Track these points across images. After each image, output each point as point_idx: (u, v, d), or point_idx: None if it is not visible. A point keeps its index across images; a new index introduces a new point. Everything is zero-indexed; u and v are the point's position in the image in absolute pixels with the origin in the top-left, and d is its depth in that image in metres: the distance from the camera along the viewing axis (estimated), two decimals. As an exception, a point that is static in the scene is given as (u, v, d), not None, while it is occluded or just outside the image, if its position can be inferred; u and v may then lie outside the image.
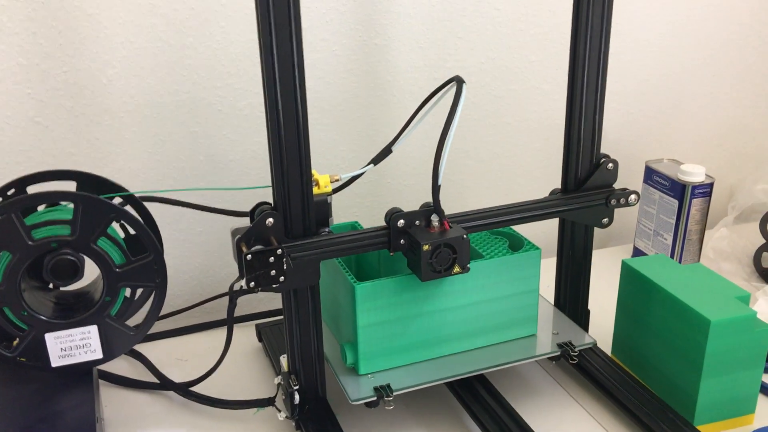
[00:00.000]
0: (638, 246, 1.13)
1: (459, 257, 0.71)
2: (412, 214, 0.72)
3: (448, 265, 0.71)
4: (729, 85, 1.25)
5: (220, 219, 0.98)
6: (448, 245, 0.70)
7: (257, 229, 0.67)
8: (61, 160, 0.90)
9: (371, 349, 0.75)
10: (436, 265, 0.71)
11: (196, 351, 0.92)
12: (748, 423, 0.78)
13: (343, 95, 1.01)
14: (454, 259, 0.71)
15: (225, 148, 0.98)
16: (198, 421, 0.80)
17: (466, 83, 0.71)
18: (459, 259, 0.71)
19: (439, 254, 0.70)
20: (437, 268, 0.71)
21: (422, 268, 0.70)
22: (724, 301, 0.75)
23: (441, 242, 0.70)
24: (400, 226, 0.72)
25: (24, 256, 0.66)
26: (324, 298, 0.80)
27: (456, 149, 1.10)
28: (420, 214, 0.72)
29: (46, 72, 0.86)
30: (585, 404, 0.82)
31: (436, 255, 0.70)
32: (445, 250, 0.70)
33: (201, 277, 1.03)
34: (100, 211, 0.68)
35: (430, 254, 0.70)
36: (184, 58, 0.92)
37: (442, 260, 0.71)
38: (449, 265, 0.71)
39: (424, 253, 0.70)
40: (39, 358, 0.70)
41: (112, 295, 0.71)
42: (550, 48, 1.10)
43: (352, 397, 0.72)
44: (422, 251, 0.69)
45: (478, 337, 0.79)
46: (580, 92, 0.78)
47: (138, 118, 0.92)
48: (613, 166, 0.81)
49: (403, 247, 0.73)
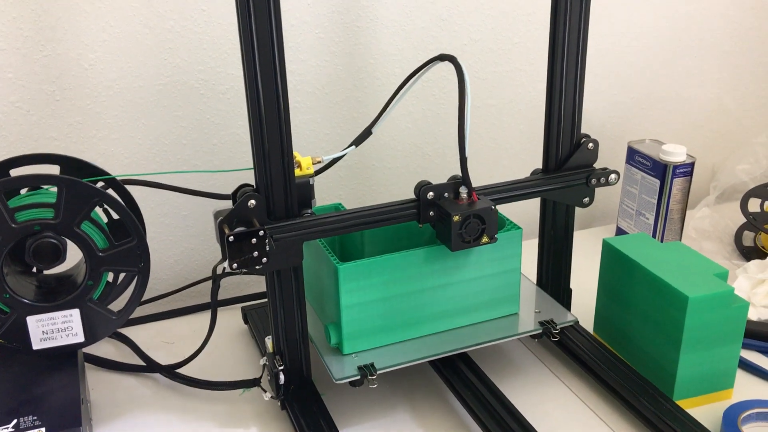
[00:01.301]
0: (621, 226, 1.14)
1: (487, 227, 0.73)
2: (441, 187, 0.74)
3: (477, 235, 0.73)
4: (710, 66, 1.26)
5: (203, 203, 0.97)
6: (477, 216, 0.72)
7: (239, 210, 0.68)
8: (42, 144, 0.90)
9: (355, 329, 0.76)
10: (465, 236, 0.73)
11: (181, 334, 0.93)
12: (726, 398, 0.79)
13: (327, 78, 1.01)
14: (482, 229, 0.73)
15: (208, 131, 0.98)
16: (184, 403, 0.80)
17: (456, 57, 0.71)
18: (487, 229, 0.73)
19: (469, 225, 0.72)
20: (466, 238, 0.73)
21: (452, 239, 0.72)
22: (702, 277, 0.76)
23: (470, 213, 0.72)
24: (429, 198, 0.74)
25: (6, 238, 0.66)
26: (308, 279, 0.81)
27: (440, 131, 1.11)
28: (449, 187, 0.74)
29: (27, 56, 0.86)
30: (567, 381, 0.83)
31: (466, 226, 0.72)
32: (474, 221, 0.73)
33: (185, 261, 1.03)
34: (83, 195, 0.68)
35: (460, 225, 0.72)
36: (166, 41, 0.91)
37: (471, 230, 0.73)
38: (478, 235, 0.73)
39: (455, 223, 0.72)
40: (20, 341, 0.70)
41: (94, 279, 0.71)
42: (533, 30, 1.10)
43: (336, 377, 0.73)
44: (452, 222, 0.71)
45: (460, 316, 0.80)
46: (560, 72, 0.78)
47: (120, 102, 0.92)
48: (593, 145, 0.81)
49: (432, 219, 0.75)
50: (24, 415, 0.64)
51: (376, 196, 1.11)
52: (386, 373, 0.75)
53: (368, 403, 0.80)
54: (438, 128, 1.10)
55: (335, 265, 0.74)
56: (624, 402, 0.77)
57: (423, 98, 1.08)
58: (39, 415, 0.64)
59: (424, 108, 1.09)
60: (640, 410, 0.75)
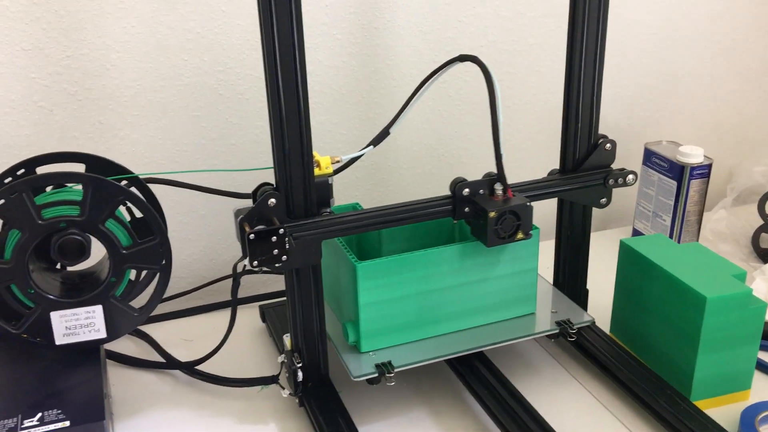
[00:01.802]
0: (637, 228, 1.14)
1: (523, 224, 0.74)
2: (477, 183, 0.75)
3: (512, 231, 0.74)
4: (728, 67, 1.25)
5: (222, 202, 0.99)
6: (512, 212, 0.73)
7: (259, 209, 0.68)
8: (65, 143, 0.91)
9: (372, 327, 0.77)
10: (501, 231, 0.74)
11: (200, 332, 0.94)
12: (743, 399, 0.79)
13: (344, 79, 1.02)
14: (518, 225, 0.74)
15: (226, 131, 0.99)
16: (203, 399, 0.81)
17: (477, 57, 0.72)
18: (522, 225, 0.74)
19: (504, 221, 0.73)
20: (502, 234, 0.74)
21: (488, 235, 0.73)
22: (720, 278, 0.76)
23: (506, 209, 0.73)
24: (464, 195, 0.75)
25: (33, 234, 0.67)
26: (326, 278, 0.81)
27: (456, 133, 1.11)
28: (484, 183, 0.75)
29: (50, 57, 0.87)
30: (583, 381, 0.83)
31: (502, 222, 0.73)
32: (510, 217, 0.73)
33: (203, 260, 1.04)
34: (109, 193, 0.69)
35: (496, 221, 0.73)
36: (186, 42, 0.92)
37: (506, 227, 0.74)
38: (513, 231, 0.74)
39: (491, 219, 0.72)
40: (44, 336, 0.71)
41: (117, 276, 0.72)
42: (549, 31, 1.10)
43: (354, 374, 0.73)
44: (488, 218, 0.72)
45: (477, 316, 0.81)
46: (578, 72, 0.78)
47: (141, 102, 0.93)
48: (610, 146, 0.82)
49: (467, 215, 0.75)
50: (48, 409, 0.65)
51: (392, 197, 1.11)
52: (403, 372, 0.76)
53: (385, 402, 0.80)
54: (453, 130, 1.11)
55: (353, 263, 0.74)
56: (641, 402, 0.77)
57: (439, 99, 1.09)
58: (63, 409, 0.65)
59: (440, 109, 1.09)
60: (658, 410, 0.75)
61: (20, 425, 0.63)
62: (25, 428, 0.63)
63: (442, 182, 1.13)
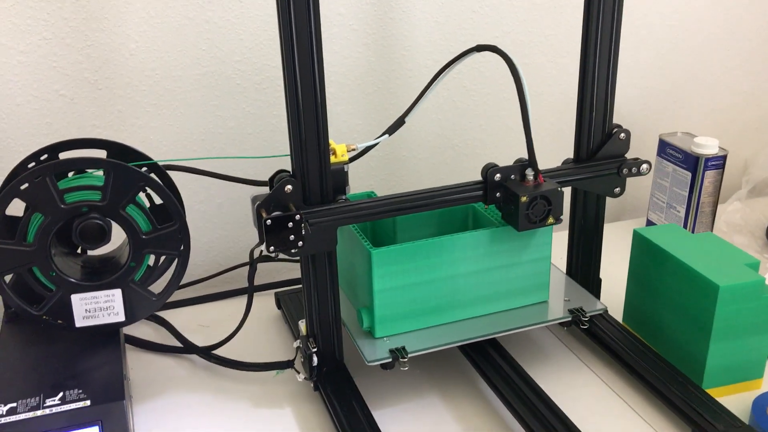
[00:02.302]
0: (651, 219, 1.15)
1: (553, 209, 0.75)
2: (508, 169, 0.77)
3: (543, 216, 0.75)
4: (743, 58, 1.25)
5: (239, 190, 1.00)
6: (543, 197, 0.75)
7: (276, 195, 0.69)
8: (85, 131, 0.93)
9: (387, 313, 0.77)
10: (532, 216, 0.75)
11: (217, 318, 0.95)
12: (755, 388, 0.80)
13: (359, 69, 1.03)
14: (548, 210, 0.75)
15: (244, 121, 1.00)
16: (220, 383, 0.83)
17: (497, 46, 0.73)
18: (553, 210, 0.75)
19: (535, 206, 0.74)
20: (533, 219, 0.75)
21: (519, 219, 0.74)
22: (733, 267, 0.77)
23: (537, 194, 0.74)
24: (496, 180, 0.76)
25: (56, 218, 0.69)
26: (340, 264, 0.82)
27: (470, 123, 1.12)
28: (515, 169, 0.77)
29: (71, 46, 0.89)
30: (596, 369, 0.83)
31: (533, 206, 0.74)
32: (541, 202, 0.75)
33: (219, 247, 1.05)
34: (130, 179, 0.70)
35: (527, 205, 0.74)
36: (204, 32, 0.94)
37: (537, 211, 0.75)
38: (544, 216, 0.75)
39: (522, 204, 0.74)
40: (64, 318, 0.73)
41: (137, 261, 0.73)
42: (564, 22, 1.10)
43: (368, 359, 0.74)
44: (520, 203, 0.74)
45: (491, 303, 0.81)
46: (593, 61, 0.79)
47: (159, 91, 0.94)
48: (625, 136, 0.82)
49: (498, 200, 0.77)
50: (70, 389, 0.67)
51: (406, 187, 1.12)
52: (417, 358, 0.76)
53: (398, 387, 0.81)
54: (468, 120, 1.11)
55: (369, 250, 0.75)
56: (653, 390, 0.77)
57: (453, 90, 1.09)
58: (84, 389, 0.67)
59: (455, 99, 1.10)
60: (670, 398, 0.75)
61: (42, 404, 0.65)
62: (47, 407, 0.64)
63: (456, 172, 1.14)
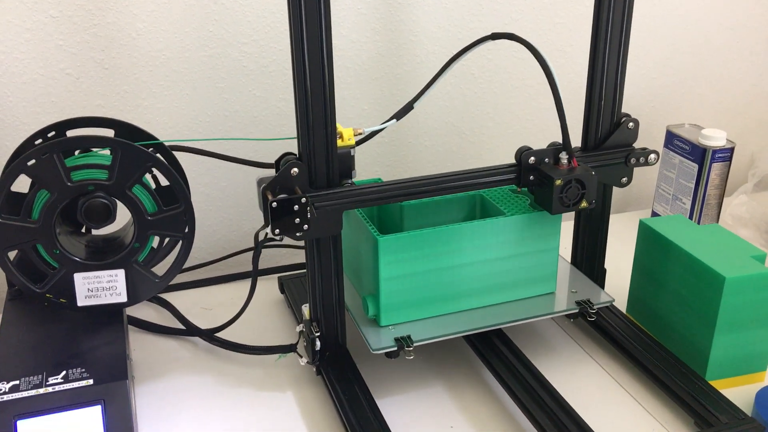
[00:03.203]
0: (657, 210, 1.14)
1: (587, 192, 0.75)
2: (542, 152, 0.77)
3: (577, 200, 0.75)
4: (752, 51, 1.24)
5: (244, 173, 1.00)
6: (578, 180, 0.75)
7: (282, 178, 0.69)
8: (90, 111, 0.92)
9: (392, 302, 0.77)
10: (565, 199, 0.75)
11: (220, 301, 0.95)
12: (759, 380, 0.79)
13: (367, 54, 1.02)
14: (582, 194, 0.75)
15: (250, 104, 0.99)
16: (222, 366, 0.83)
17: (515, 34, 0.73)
18: (587, 194, 0.75)
19: (569, 189, 0.75)
20: (566, 202, 0.75)
21: (553, 202, 0.74)
22: (739, 259, 0.76)
23: (572, 178, 0.74)
24: (530, 163, 0.76)
25: (62, 195, 0.69)
26: (346, 251, 0.81)
27: (477, 111, 1.11)
28: (549, 152, 0.77)
29: (77, 24, 0.88)
30: (600, 360, 0.83)
31: (567, 190, 0.74)
32: (575, 185, 0.75)
33: (223, 231, 1.05)
34: (138, 159, 0.70)
35: (561, 189, 0.74)
36: (212, 13, 0.93)
37: (571, 195, 0.75)
38: (578, 200, 0.75)
39: (556, 187, 0.74)
40: (66, 297, 0.73)
41: (141, 242, 0.73)
42: (575, 10, 1.09)
43: (373, 347, 0.74)
44: (554, 186, 0.74)
45: (497, 293, 0.81)
46: (603, 50, 0.78)
47: (165, 72, 0.94)
48: (633, 125, 0.81)
49: (531, 183, 0.77)
50: (72, 368, 0.67)
51: (412, 172, 1.11)
52: (421, 347, 0.76)
53: (403, 376, 0.81)
54: (476, 108, 1.11)
55: (375, 237, 0.74)
56: (657, 381, 0.77)
57: (461, 77, 1.08)
58: (87, 368, 0.67)
59: (462, 87, 1.09)
60: (674, 389, 0.75)
61: (45, 382, 0.65)
62: (49, 385, 0.64)
63: (462, 160, 1.14)
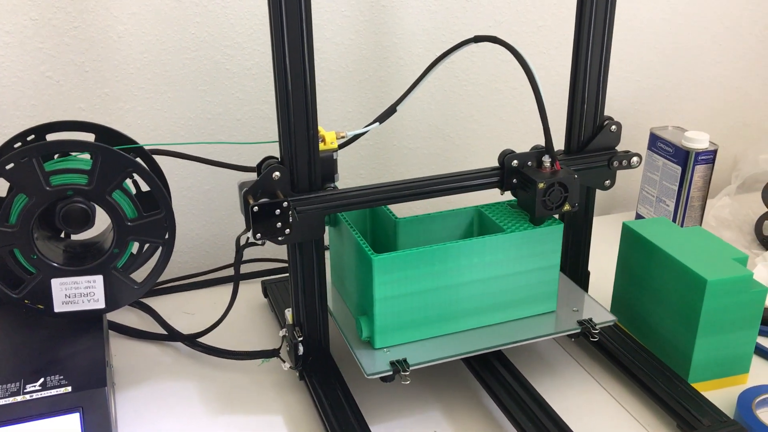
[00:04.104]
0: (641, 212, 1.14)
1: (570, 196, 0.75)
2: (525, 155, 0.76)
3: (560, 203, 0.75)
4: (735, 54, 1.25)
5: (226, 176, 0.99)
6: (561, 184, 0.74)
7: (264, 182, 0.69)
8: (71, 114, 0.91)
9: (387, 323, 0.73)
10: (548, 203, 0.74)
11: (202, 305, 0.94)
12: (741, 382, 0.80)
13: (351, 57, 1.02)
14: (565, 197, 0.74)
15: (233, 106, 0.99)
16: (204, 371, 0.82)
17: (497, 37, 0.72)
18: (570, 197, 0.75)
19: (552, 192, 0.74)
20: (549, 205, 0.74)
21: (536, 205, 0.74)
22: (721, 262, 0.76)
23: (554, 181, 0.74)
24: (513, 166, 0.76)
25: (40, 200, 0.68)
26: (338, 269, 0.80)
27: (462, 113, 1.11)
28: (532, 155, 0.76)
29: (57, 27, 0.87)
30: (582, 361, 0.83)
31: (550, 193, 0.74)
32: (558, 189, 0.74)
33: (206, 235, 1.05)
34: (118, 164, 0.69)
35: (544, 192, 0.73)
36: (193, 15, 0.92)
37: (554, 198, 0.74)
38: (560, 203, 0.75)
39: (539, 190, 0.73)
40: (43, 303, 0.72)
41: (120, 248, 0.72)
42: (558, 13, 1.10)
43: (367, 371, 0.70)
44: (537, 189, 0.73)
45: (496, 313, 0.78)
46: (585, 52, 0.78)
47: (147, 75, 0.93)
48: (616, 128, 0.81)
49: (514, 186, 0.76)
50: (51, 374, 0.66)
51: (396, 176, 1.11)
52: (417, 369, 0.72)
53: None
54: (460, 110, 1.11)
55: (370, 256, 0.71)
56: (639, 383, 0.77)
57: (446, 80, 1.08)
58: (65, 375, 0.66)
59: (446, 89, 1.09)
60: (656, 392, 0.75)
61: (23, 389, 0.64)
62: (27, 392, 0.63)
63: (447, 162, 1.13)
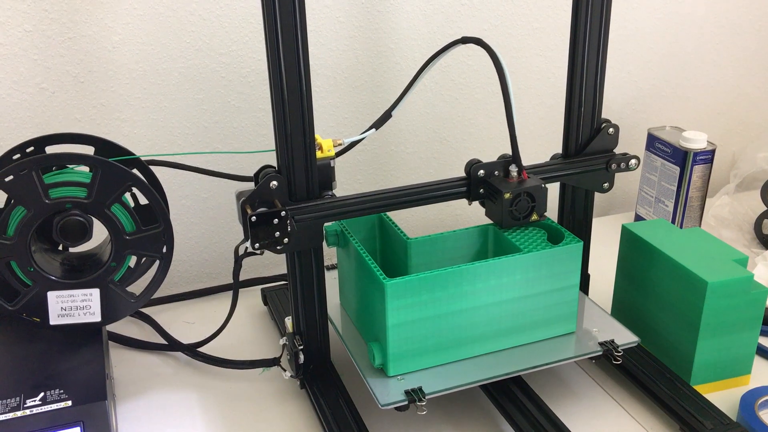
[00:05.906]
0: (640, 213, 1.14)
1: (537, 205, 0.74)
2: (492, 165, 0.75)
3: (527, 213, 0.74)
4: (732, 53, 1.25)
5: (224, 186, 0.99)
6: (528, 194, 0.74)
7: (261, 191, 0.68)
8: (66, 125, 0.91)
9: (401, 350, 0.70)
10: (516, 213, 0.74)
11: (202, 315, 0.94)
12: (743, 384, 0.80)
13: (347, 62, 1.02)
14: (532, 207, 0.74)
15: (229, 115, 0.98)
16: (205, 381, 0.82)
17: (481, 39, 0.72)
18: (537, 207, 0.74)
19: (519, 202, 0.74)
20: (516, 216, 0.74)
21: (503, 216, 0.73)
22: (721, 263, 0.76)
23: (521, 191, 0.73)
24: (480, 176, 0.75)
25: (39, 213, 0.68)
26: (349, 292, 0.79)
27: (459, 116, 1.11)
28: (499, 165, 0.76)
29: (52, 38, 0.87)
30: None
31: (516, 203, 0.73)
32: (525, 199, 0.74)
33: (204, 243, 1.04)
34: (118, 178, 0.69)
35: (511, 202, 0.73)
36: (188, 24, 0.92)
37: (521, 208, 0.74)
38: (528, 213, 0.74)
39: (505, 201, 0.73)
40: (39, 315, 0.71)
41: (118, 261, 0.72)
42: (553, 15, 1.09)
43: (381, 402, 0.67)
44: (503, 199, 0.73)
45: (514, 336, 0.75)
46: (581, 56, 0.78)
47: (143, 85, 0.93)
48: (614, 131, 0.81)
49: (481, 197, 0.76)
50: (51, 389, 0.66)
51: (394, 182, 1.11)
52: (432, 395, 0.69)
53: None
54: (457, 114, 1.11)
55: (382, 281, 0.68)
56: (641, 386, 0.77)
57: (442, 83, 1.08)
58: (65, 389, 0.66)
59: (443, 93, 1.09)
60: (658, 394, 0.75)
61: (23, 404, 0.64)
62: (27, 407, 0.63)
63: (445, 167, 1.13)
